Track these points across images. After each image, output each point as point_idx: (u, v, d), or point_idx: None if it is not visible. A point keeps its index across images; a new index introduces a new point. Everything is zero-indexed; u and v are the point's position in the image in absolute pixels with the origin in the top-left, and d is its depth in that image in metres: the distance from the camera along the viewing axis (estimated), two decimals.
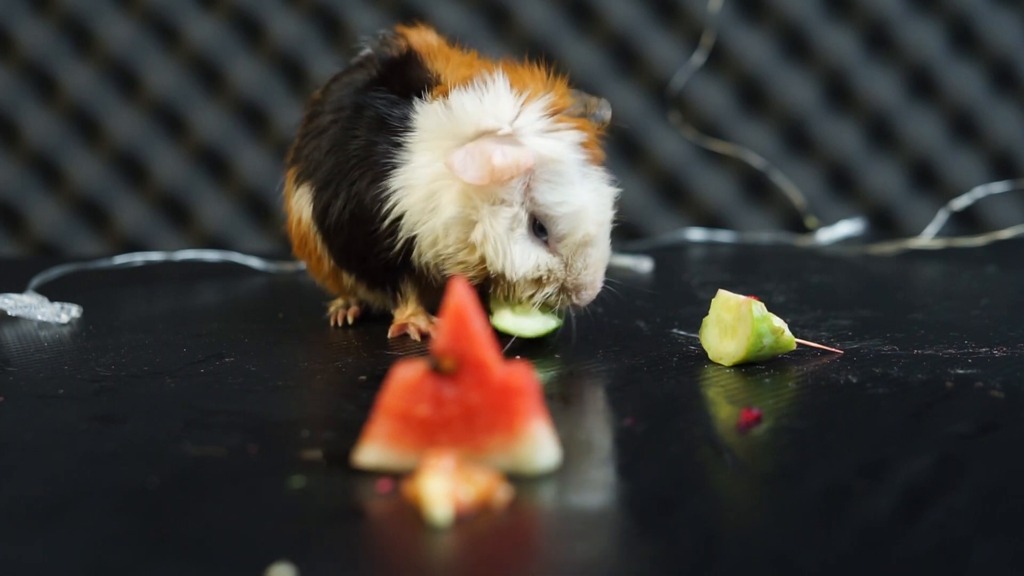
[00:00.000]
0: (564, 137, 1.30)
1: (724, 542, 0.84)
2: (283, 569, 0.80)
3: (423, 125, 1.34)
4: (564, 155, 1.29)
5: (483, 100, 1.31)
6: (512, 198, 1.29)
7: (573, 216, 1.29)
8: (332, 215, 1.39)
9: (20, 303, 1.54)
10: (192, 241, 2.34)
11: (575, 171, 1.30)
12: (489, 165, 1.25)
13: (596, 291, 1.34)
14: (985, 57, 2.33)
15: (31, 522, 0.89)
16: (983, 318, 1.47)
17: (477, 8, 2.33)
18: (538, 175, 1.29)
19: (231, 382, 1.25)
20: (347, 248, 1.41)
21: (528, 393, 0.95)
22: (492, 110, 1.30)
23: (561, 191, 1.29)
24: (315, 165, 1.41)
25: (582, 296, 1.33)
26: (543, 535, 0.89)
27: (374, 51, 1.44)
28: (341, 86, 1.42)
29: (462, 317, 0.95)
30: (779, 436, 1.05)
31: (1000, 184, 2.24)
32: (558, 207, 1.29)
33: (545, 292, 1.32)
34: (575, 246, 1.31)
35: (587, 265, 1.32)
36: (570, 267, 1.31)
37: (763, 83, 2.34)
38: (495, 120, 1.29)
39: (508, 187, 1.28)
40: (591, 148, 1.33)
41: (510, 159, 1.25)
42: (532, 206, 1.29)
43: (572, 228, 1.30)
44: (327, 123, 1.40)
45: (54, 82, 2.32)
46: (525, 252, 1.30)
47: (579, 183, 1.30)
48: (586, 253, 1.31)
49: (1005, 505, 0.89)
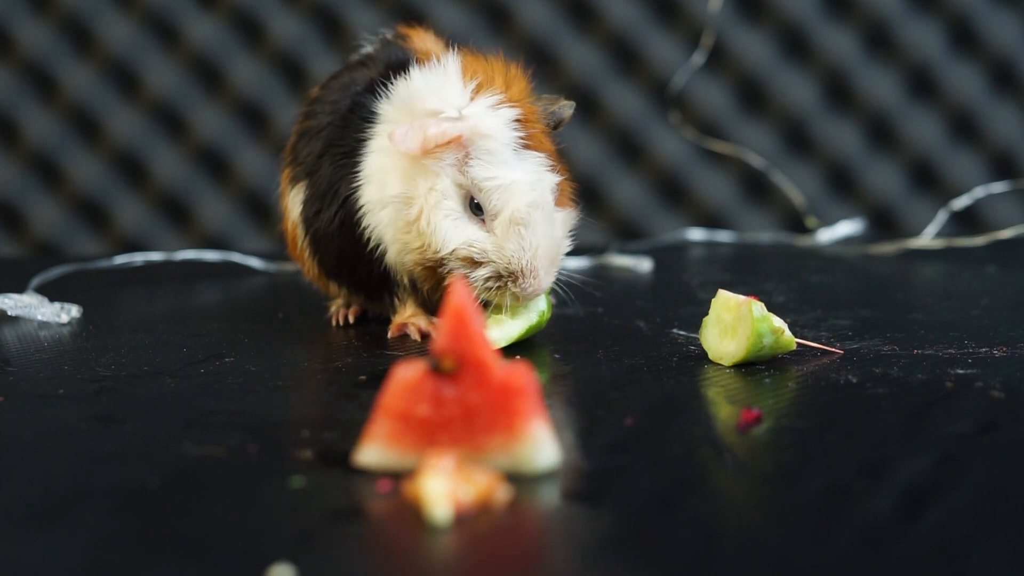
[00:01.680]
0: (501, 114, 1.30)
1: (724, 542, 0.84)
2: (283, 569, 0.80)
3: (385, 111, 1.35)
4: (498, 131, 1.29)
5: (433, 82, 1.32)
6: (445, 172, 1.29)
7: (502, 191, 1.28)
8: (321, 224, 1.39)
9: (20, 303, 1.54)
10: (192, 241, 2.34)
11: (508, 149, 1.29)
12: (423, 133, 1.26)
13: (540, 282, 1.30)
14: (985, 57, 2.33)
15: (31, 522, 0.89)
16: (983, 318, 1.47)
17: (477, 8, 2.33)
18: (472, 151, 1.29)
19: (231, 382, 1.25)
20: (338, 259, 1.41)
21: (528, 393, 0.95)
22: (440, 92, 1.31)
23: (493, 168, 1.28)
24: (308, 167, 1.41)
25: (522, 286, 1.29)
26: (543, 535, 0.89)
27: (376, 51, 1.44)
28: (340, 86, 1.42)
29: (462, 317, 0.95)
30: (779, 436, 1.05)
31: (1000, 184, 2.24)
32: (487, 181, 1.28)
33: (479, 274, 1.29)
34: (506, 224, 1.28)
35: (522, 248, 1.28)
36: (503, 248, 1.28)
37: (763, 83, 2.34)
38: (442, 102, 1.30)
39: (442, 161, 1.29)
40: (533, 133, 1.32)
41: (442, 128, 1.26)
42: (466, 182, 1.29)
43: (502, 204, 1.28)
44: (322, 124, 1.40)
45: (54, 82, 2.32)
46: (455, 227, 1.29)
47: (512, 161, 1.29)
48: (519, 234, 1.28)
49: (1005, 505, 0.89)
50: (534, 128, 1.32)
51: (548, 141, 1.34)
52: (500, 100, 1.30)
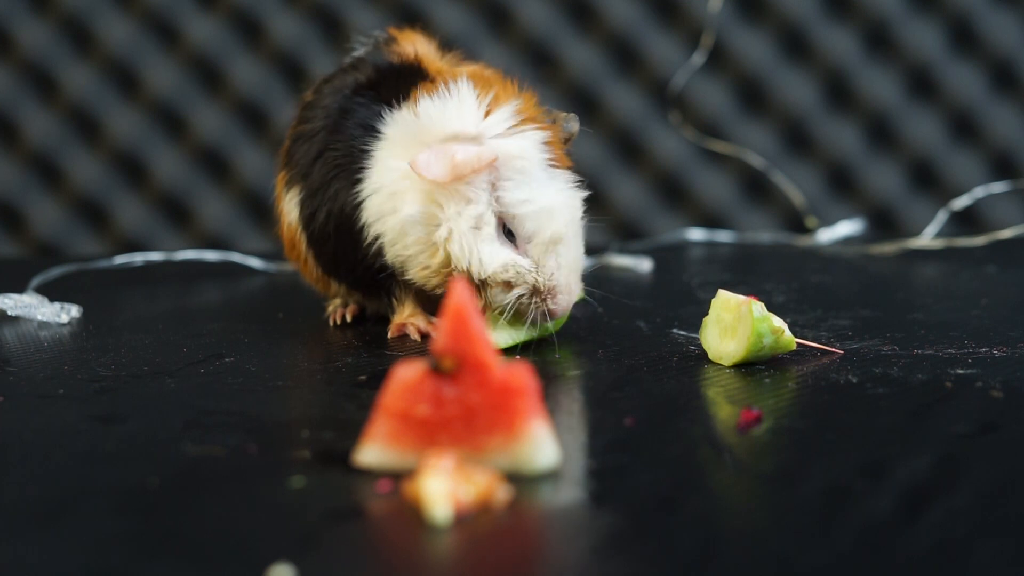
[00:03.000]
0: (528, 136, 1.30)
1: (724, 542, 0.84)
2: (283, 569, 0.80)
3: (389, 133, 1.34)
4: (528, 153, 1.29)
5: (448, 107, 1.31)
6: (478, 197, 1.28)
7: (539, 214, 1.28)
8: (317, 224, 1.39)
9: (20, 303, 1.54)
10: (192, 241, 2.34)
11: (540, 169, 1.30)
12: (451, 161, 1.25)
13: (572, 296, 1.31)
14: (985, 57, 2.33)
15: (31, 522, 0.89)
16: (983, 318, 1.47)
17: (477, 8, 2.33)
18: (502, 174, 1.28)
19: (231, 382, 1.25)
20: (335, 258, 1.41)
21: (528, 393, 0.95)
22: (457, 115, 1.30)
23: (526, 189, 1.29)
24: (303, 171, 1.41)
25: (557, 301, 1.30)
26: (543, 535, 0.89)
27: (367, 54, 1.44)
28: (332, 90, 1.42)
29: (462, 317, 0.95)
30: (779, 436, 1.05)
31: (1000, 184, 2.24)
32: (523, 205, 1.28)
33: (515, 294, 1.29)
34: (544, 245, 1.29)
35: (559, 266, 1.29)
36: (541, 268, 1.29)
37: (763, 83, 2.34)
38: (460, 124, 1.29)
39: (473, 186, 1.28)
40: (557, 151, 1.32)
41: (472, 154, 1.26)
42: (498, 207, 1.29)
43: (539, 226, 1.29)
44: (316, 128, 1.40)
45: (54, 82, 2.32)
46: (492, 251, 1.29)
47: (545, 182, 1.30)
48: (557, 253, 1.29)
49: (1005, 505, 0.89)
50: (558, 147, 1.32)
51: (566, 156, 1.35)
52: (515, 113, 1.30)
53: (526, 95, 1.35)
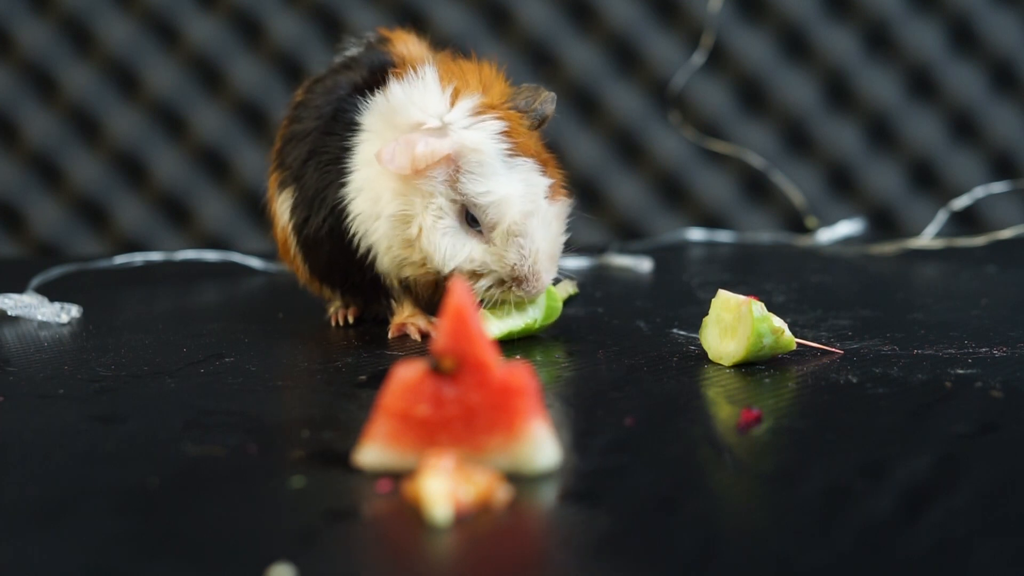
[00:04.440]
0: (486, 127, 1.30)
1: (724, 542, 0.84)
2: (283, 569, 0.80)
3: (368, 123, 1.35)
4: (485, 145, 1.30)
5: (413, 93, 1.32)
6: (438, 190, 1.30)
7: (497, 205, 1.29)
8: (311, 231, 1.39)
9: (20, 303, 1.54)
10: (192, 241, 2.34)
11: (498, 161, 1.30)
12: (411, 154, 1.26)
13: (542, 282, 1.32)
14: (985, 57, 2.33)
15: (31, 522, 0.89)
16: (983, 318, 1.47)
17: (477, 8, 2.33)
18: (462, 166, 1.29)
19: (231, 382, 1.25)
20: (329, 265, 1.41)
21: (528, 393, 0.95)
22: (420, 103, 1.31)
23: (484, 181, 1.29)
24: (295, 173, 1.41)
25: (525, 288, 1.31)
26: (543, 535, 0.89)
27: (360, 54, 1.44)
28: (324, 90, 1.42)
29: (462, 317, 0.95)
30: (779, 436, 1.05)
31: (1000, 184, 2.24)
32: (482, 196, 1.29)
33: (481, 284, 1.31)
34: (504, 236, 1.30)
35: (523, 256, 1.30)
36: (504, 258, 1.30)
37: (763, 83, 2.34)
38: (422, 113, 1.30)
39: (433, 179, 1.29)
40: (519, 139, 1.32)
41: (431, 147, 1.27)
42: (460, 198, 1.30)
43: (498, 217, 1.29)
44: (308, 128, 1.40)
45: (54, 82, 2.32)
46: (455, 244, 1.30)
47: (503, 173, 1.30)
48: (518, 243, 1.30)
49: (1005, 505, 0.89)
50: (519, 135, 1.32)
51: (534, 143, 1.34)
52: (479, 103, 1.31)
53: (497, 82, 1.35)
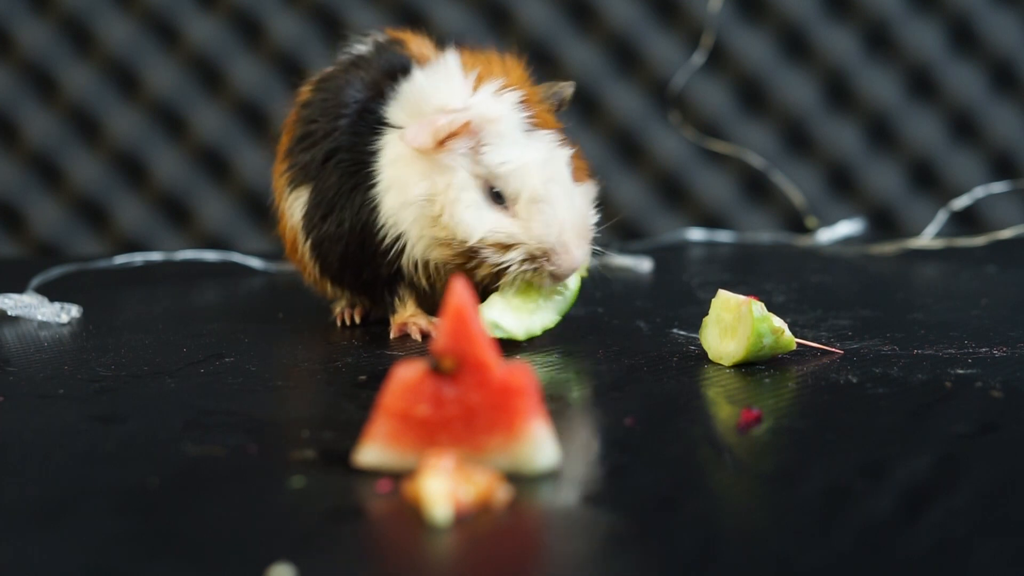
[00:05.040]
0: (504, 98, 1.31)
1: (724, 542, 0.84)
2: (283, 569, 0.80)
3: (394, 117, 1.36)
4: (503, 114, 1.30)
5: (436, 80, 1.34)
6: (460, 164, 1.30)
7: (518, 173, 1.29)
8: (327, 230, 1.39)
9: (20, 303, 1.54)
10: (192, 241, 2.34)
11: (517, 131, 1.31)
12: (432, 127, 1.28)
13: (572, 257, 1.29)
14: (985, 57, 2.33)
15: (31, 522, 0.89)
16: (983, 318, 1.47)
17: (477, 8, 2.33)
18: (482, 138, 1.30)
19: (231, 382, 1.25)
20: (343, 264, 1.41)
21: (528, 393, 0.95)
22: (446, 90, 1.33)
23: (504, 150, 1.30)
24: (311, 173, 1.40)
25: (555, 262, 1.29)
26: (543, 535, 0.89)
27: (369, 54, 1.44)
28: (335, 88, 1.41)
29: (462, 317, 0.95)
30: (779, 436, 1.05)
31: (1000, 184, 2.24)
32: (502, 166, 1.29)
33: (511, 257, 1.29)
34: (528, 204, 1.29)
35: (548, 225, 1.28)
36: (529, 229, 1.29)
37: (763, 83, 2.34)
38: (448, 97, 1.32)
39: (455, 154, 1.30)
40: (539, 112, 1.33)
41: (450, 119, 1.28)
42: (481, 170, 1.30)
43: (520, 185, 1.29)
44: (326, 129, 1.40)
45: (54, 82, 2.32)
46: (478, 216, 1.30)
47: (523, 142, 1.31)
48: (542, 212, 1.28)
49: (1005, 505, 0.89)
50: (538, 108, 1.34)
51: (554, 119, 1.36)
52: (502, 86, 1.32)
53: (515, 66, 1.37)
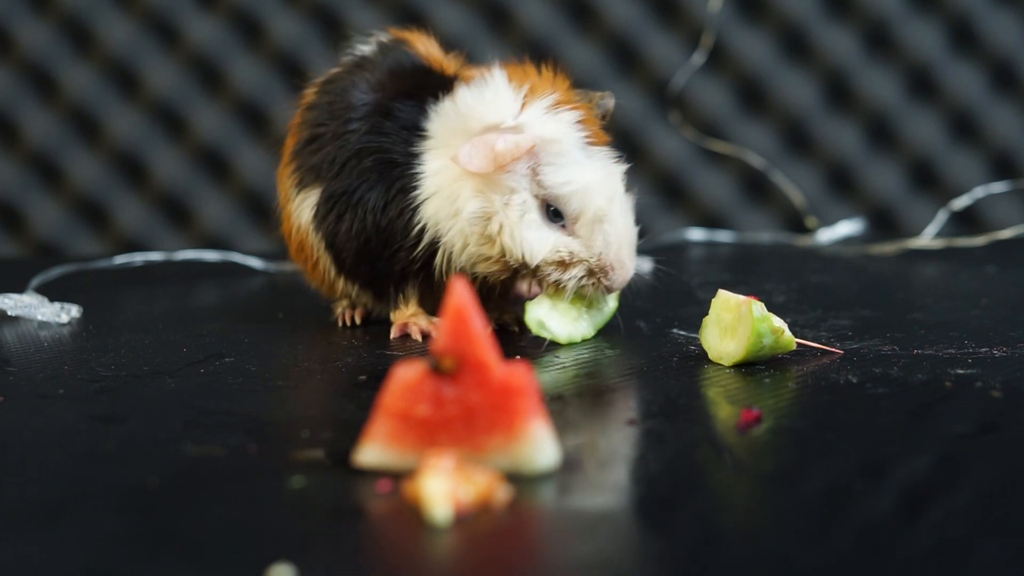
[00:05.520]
0: (562, 118, 1.32)
1: (724, 542, 0.84)
2: (283, 569, 0.80)
3: (434, 130, 1.36)
4: (564, 135, 1.31)
5: (484, 96, 1.33)
6: (520, 185, 1.31)
7: (581, 193, 1.31)
8: (343, 227, 1.39)
9: (20, 303, 1.54)
10: (192, 241, 2.34)
11: (577, 150, 1.32)
12: (492, 152, 1.27)
13: (627, 271, 1.33)
14: (985, 57, 2.33)
15: (31, 522, 0.89)
16: (983, 318, 1.47)
17: (477, 8, 2.33)
18: (541, 159, 1.31)
19: (231, 382, 1.25)
20: (358, 259, 1.40)
21: (528, 393, 0.95)
22: (495, 106, 1.32)
23: (565, 171, 1.31)
24: (325, 173, 1.40)
25: (612, 278, 1.32)
26: (543, 535, 0.89)
27: (373, 54, 1.44)
28: (345, 89, 1.41)
29: (462, 317, 0.95)
30: (779, 436, 1.05)
31: (1000, 184, 2.24)
32: (564, 186, 1.30)
33: (572, 274, 1.31)
34: (590, 224, 1.31)
35: (608, 243, 1.31)
36: (590, 246, 1.31)
37: (763, 83, 2.34)
38: (498, 115, 1.31)
39: (514, 174, 1.30)
40: (592, 129, 1.34)
41: (511, 143, 1.28)
42: (541, 191, 1.31)
43: (582, 205, 1.31)
44: (339, 131, 1.39)
45: (54, 82, 2.31)
46: (541, 236, 1.31)
47: (583, 161, 1.32)
48: (603, 231, 1.31)
49: (1005, 505, 0.89)
50: (593, 125, 1.35)
51: (602, 131, 1.37)
52: (554, 101, 1.33)
53: (559, 79, 1.37)
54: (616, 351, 1.34)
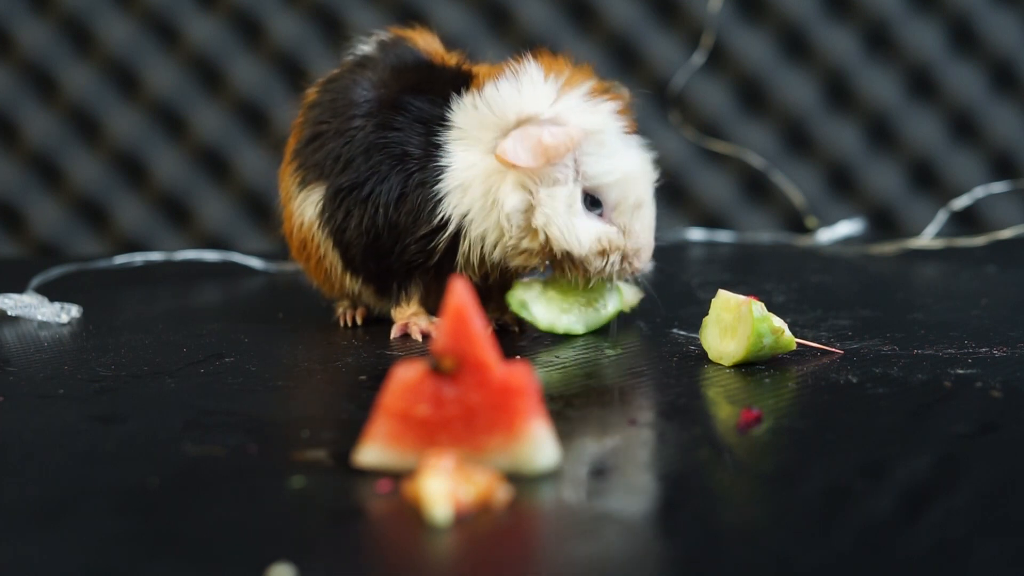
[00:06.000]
0: (601, 108, 1.34)
1: (724, 542, 0.84)
2: (283, 569, 0.80)
3: (459, 122, 1.35)
4: (605, 124, 1.34)
5: (521, 88, 1.33)
6: (565, 176, 1.32)
7: (623, 182, 1.34)
8: (352, 222, 1.38)
9: (20, 303, 1.54)
10: (192, 241, 2.34)
11: (617, 139, 1.35)
12: (540, 146, 1.29)
13: (650, 253, 1.38)
14: (985, 57, 2.33)
15: (31, 522, 0.89)
16: (983, 318, 1.47)
17: (477, 8, 2.33)
18: (584, 149, 1.32)
19: (231, 382, 1.25)
20: (367, 254, 1.40)
21: (528, 393, 0.95)
22: (531, 97, 1.33)
23: (608, 160, 1.34)
24: (328, 169, 1.39)
25: (641, 259, 1.36)
26: (543, 535, 0.89)
27: (376, 53, 1.43)
28: (346, 87, 1.41)
29: (462, 317, 0.95)
30: (779, 436, 1.05)
31: (1000, 184, 2.24)
32: (608, 175, 1.33)
33: (610, 262, 1.34)
34: (630, 210, 1.35)
35: (644, 228, 1.36)
36: (629, 232, 1.35)
37: (763, 83, 2.34)
38: (535, 106, 1.32)
39: (560, 166, 1.32)
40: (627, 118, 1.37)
41: (560, 136, 1.29)
42: (583, 180, 1.33)
43: (624, 194, 1.34)
44: (343, 127, 1.39)
45: (54, 82, 2.32)
46: (587, 227, 1.33)
47: (622, 150, 1.35)
48: (641, 216, 1.36)
49: (1005, 505, 0.89)
50: (626, 114, 1.37)
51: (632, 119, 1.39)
52: (590, 89, 1.34)
53: (584, 69, 1.38)
54: (616, 351, 1.34)
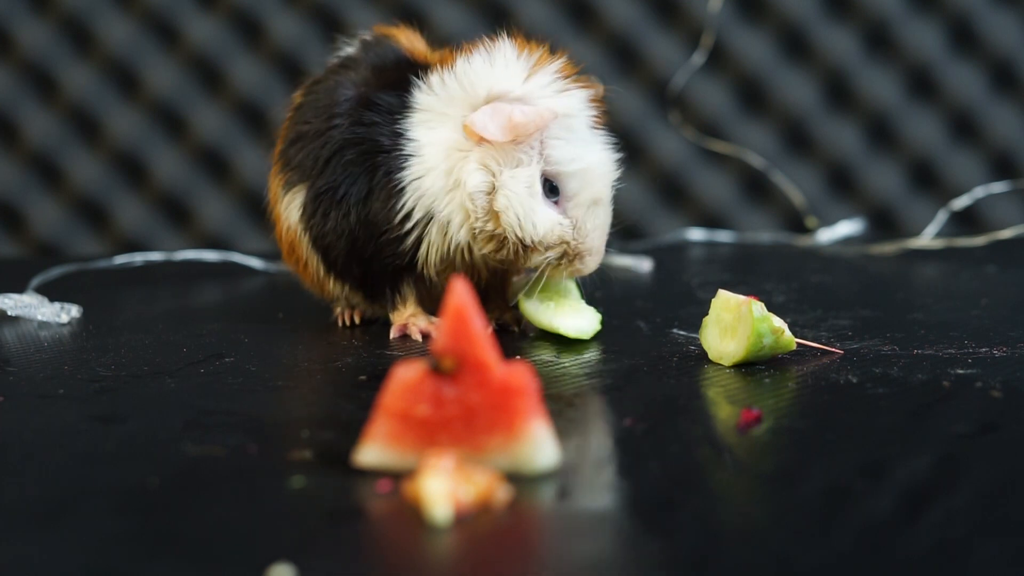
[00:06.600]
0: (576, 95, 1.31)
1: (724, 542, 0.84)
2: (283, 569, 0.80)
3: (424, 103, 1.33)
4: (577, 111, 1.30)
5: (493, 64, 1.31)
6: (529, 157, 1.29)
7: (585, 173, 1.29)
8: (329, 225, 1.37)
9: (20, 303, 1.54)
10: (192, 241, 2.34)
11: (585, 128, 1.31)
12: (510, 121, 1.26)
13: (599, 259, 1.33)
14: (985, 57, 2.33)
15: (31, 522, 0.89)
16: (983, 318, 1.47)
17: (477, 8, 2.33)
18: (551, 131, 1.29)
19: (231, 382, 1.25)
20: (348, 258, 1.40)
21: (528, 393, 0.95)
22: (503, 74, 1.30)
23: (573, 148, 1.30)
24: (308, 171, 1.39)
25: (586, 262, 1.32)
26: (543, 535, 0.89)
27: (359, 53, 1.43)
28: (326, 90, 1.41)
29: (462, 317, 0.95)
30: (779, 436, 1.05)
31: (1000, 184, 2.24)
32: (571, 163, 1.29)
33: (551, 255, 1.30)
34: (585, 205, 1.30)
35: (595, 227, 1.31)
36: (580, 228, 1.30)
37: (763, 83, 2.34)
38: (507, 84, 1.30)
39: (524, 146, 1.28)
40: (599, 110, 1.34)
41: (531, 115, 1.26)
42: (545, 165, 1.29)
43: (583, 186, 1.29)
44: (322, 128, 1.38)
45: (54, 82, 2.32)
46: (545, 214, 1.29)
47: (589, 140, 1.32)
48: (595, 215, 1.30)
49: (1005, 505, 0.89)
50: (599, 105, 1.34)
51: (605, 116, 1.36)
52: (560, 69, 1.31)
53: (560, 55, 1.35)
54: (616, 351, 1.34)
